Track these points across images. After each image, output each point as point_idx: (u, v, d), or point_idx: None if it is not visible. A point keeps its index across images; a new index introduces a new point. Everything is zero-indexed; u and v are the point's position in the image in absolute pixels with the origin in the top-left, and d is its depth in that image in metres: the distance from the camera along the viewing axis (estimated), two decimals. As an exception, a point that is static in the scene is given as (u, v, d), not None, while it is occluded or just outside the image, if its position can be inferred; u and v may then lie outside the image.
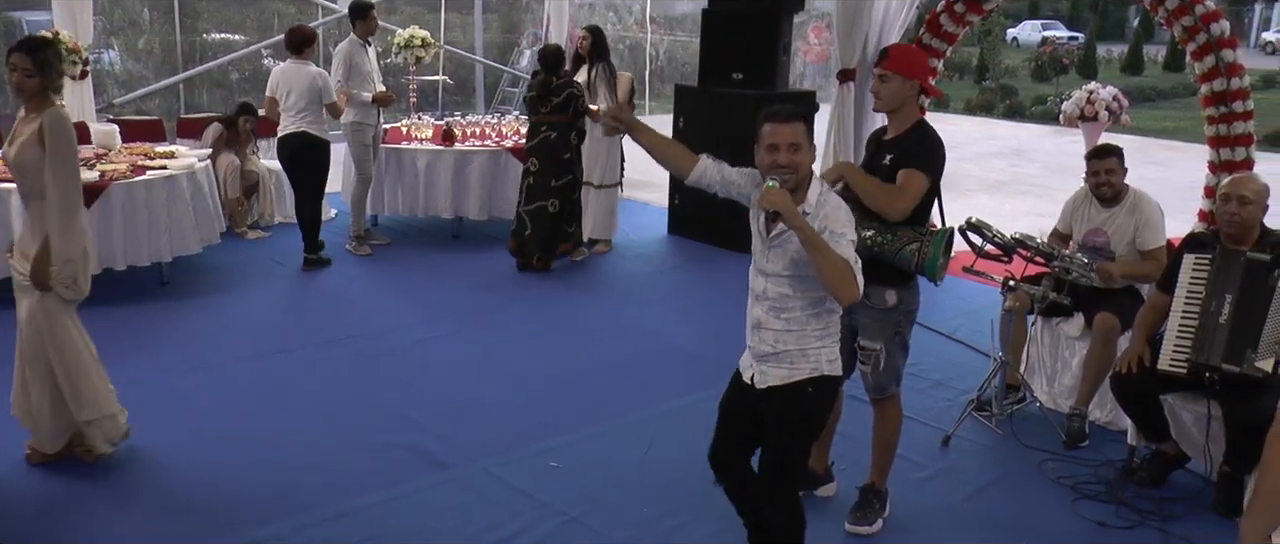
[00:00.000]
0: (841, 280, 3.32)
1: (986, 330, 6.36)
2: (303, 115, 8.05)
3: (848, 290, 3.33)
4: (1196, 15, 7.14)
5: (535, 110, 8.30)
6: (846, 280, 3.32)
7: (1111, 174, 5.53)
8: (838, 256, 3.32)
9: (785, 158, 3.45)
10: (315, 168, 8.24)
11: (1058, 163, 16.00)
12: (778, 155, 3.45)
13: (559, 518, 4.52)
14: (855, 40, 8.83)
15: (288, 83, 8.07)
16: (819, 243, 3.32)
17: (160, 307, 7.24)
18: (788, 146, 3.45)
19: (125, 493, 4.64)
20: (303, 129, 8.06)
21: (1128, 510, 4.72)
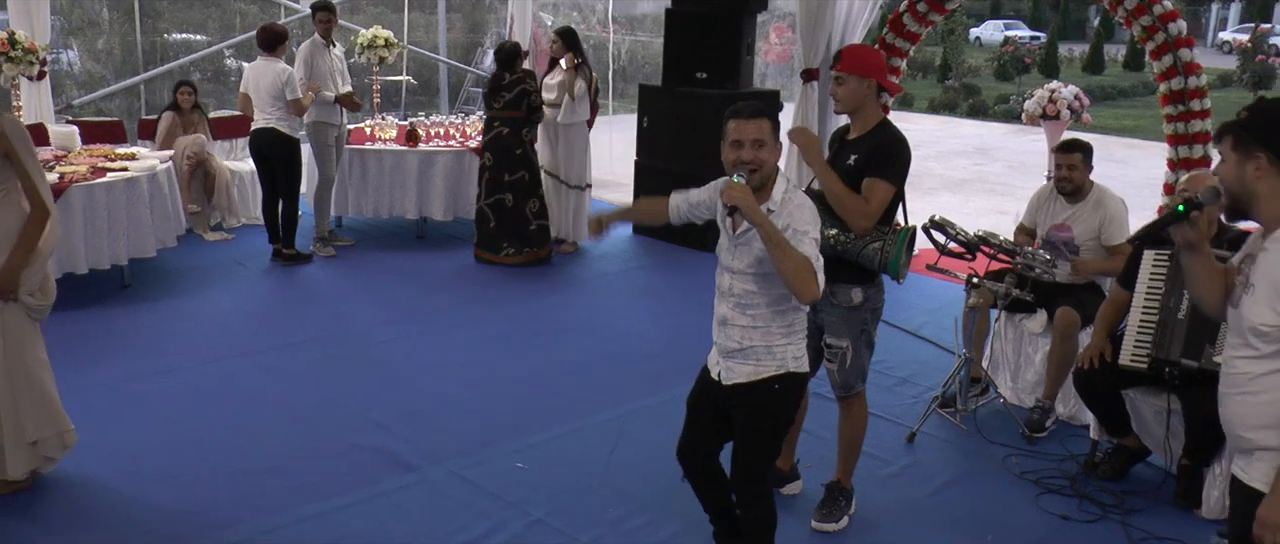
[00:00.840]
0: (801, 277, 3.32)
1: (951, 327, 6.41)
2: (271, 112, 8.13)
3: (807, 288, 3.34)
4: (1155, 15, 7.23)
5: (489, 106, 8.43)
6: (806, 277, 3.33)
7: (1073, 169, 5.59)
8: (797, 253, 3.34)
9: (749, 154, 3.46)
10: (286, 164, 8.31)
11: (1020, 161, 16.15)
12: (742, 151, 3.47)
13: (526, 518, 4.51)
14: (818, 40, 8.87)
15: (257, 80, 8.15)
16: (779, 240, 3.33)
17: (122, 310, 7.16)
18: (752, 143, 3.47)
19: (87, 499, 4.59)
20: (271, 125, 8.14)
21: (1090, 504, 4.77)
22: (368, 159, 9.19)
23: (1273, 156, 2.67)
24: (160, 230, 7.82)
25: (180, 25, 13.52)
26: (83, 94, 12.03)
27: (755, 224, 3.36)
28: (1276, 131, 2.69)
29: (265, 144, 8.22)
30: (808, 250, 3.38)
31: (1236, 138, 2.73)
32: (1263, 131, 2.70)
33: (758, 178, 3.47)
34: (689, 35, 9.29)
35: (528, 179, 8.45)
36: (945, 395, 5.72)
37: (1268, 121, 2.73)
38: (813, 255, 3.39)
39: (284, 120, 8.17)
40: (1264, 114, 2.76)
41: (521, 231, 8.52)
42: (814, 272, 3.36)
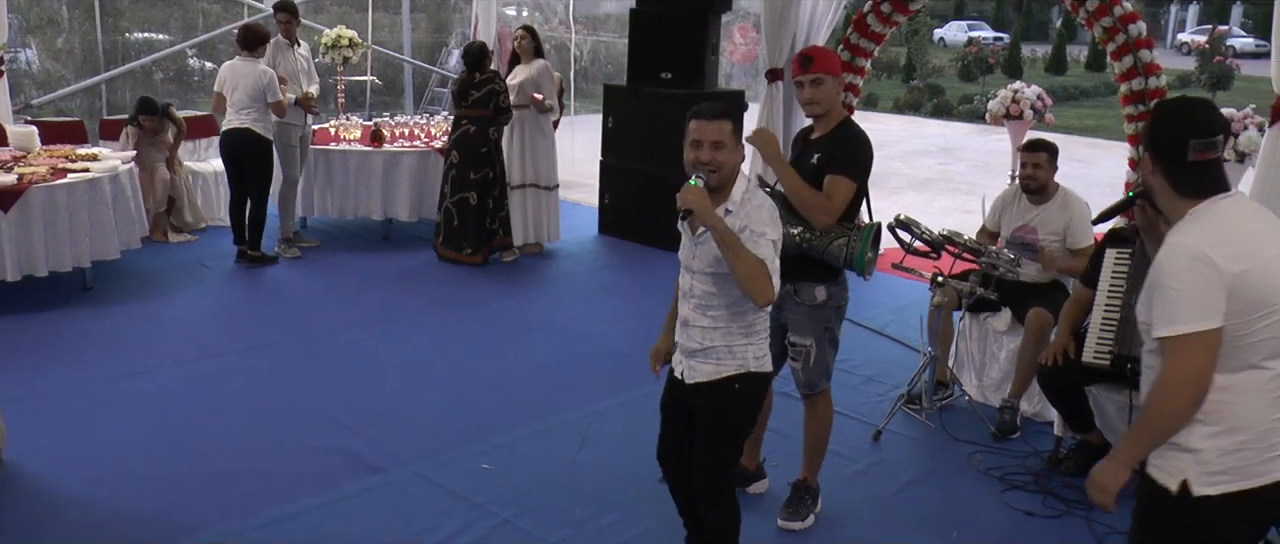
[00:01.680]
0: (754, 279, 3.34)
1: (916, 326, 6.45)
2: (247, 112, 8.05)
3: (761, 290, 3.35)
4: (1116, 16, 7.30)
5: (458, 105, 8.43)
6: (759, 280, 3.34)
7: (1038, 168, 5.63)
8: (751, 256, 3.35)
9: (707, 155, 3.47)
10: (259, 165, 8.24)
11: (984, 161, 16.27)
12: (700, 152, 3.48)
13: (493, 519, 4.50)
14: (782, 40, 8.89)
15: (235, 79, 8.08)
16: (732, 241, 3.34)
17: (84, 313, 7.08)
18: (711, 144, 3.48)
19: (50, 503, 4.54)
20: (247, 126, 8.06)
21: (1054, 500, 4.81)
22: (333, 159, 9.14)
23: (1154, 155, 2.76)
24: (123, 232, 7.73)
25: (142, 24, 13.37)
26: (42, 94, 11.88)
27: (708, 226, 3.38)
28: (1153, 131, 2.78)
29: (239, 145, 8.11)
30: (763, 252, 3.39)
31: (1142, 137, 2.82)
32: (1147, 132, 2.80)
33: (717, 179, 3.48)
34: (653, 35, 9.29)
35: (491, 177, 8.45)
36: (911, 393, 5.75)
37: (1151, 122, 2.82)
38: (769, 257, 3.40)
39: (260, 121, 8.09)
40: (1151, 115, 2.85)
41: (481, 230, 8.52)
42: (768, 274, 3.37)
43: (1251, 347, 2.63)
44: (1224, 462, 2.65)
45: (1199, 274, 2.58)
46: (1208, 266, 2.58)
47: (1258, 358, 2.64)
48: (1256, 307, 2.60)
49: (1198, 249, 2.60)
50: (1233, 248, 2.60)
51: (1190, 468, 2.68)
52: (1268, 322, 2.62)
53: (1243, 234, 2.65)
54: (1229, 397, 2.65)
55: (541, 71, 8.69)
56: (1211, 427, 2.66)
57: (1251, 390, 2.65)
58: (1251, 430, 2.65)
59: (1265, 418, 2.67)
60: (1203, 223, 2.68)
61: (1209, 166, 2.71)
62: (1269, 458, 2.67)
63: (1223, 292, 2.58)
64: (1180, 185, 2.73)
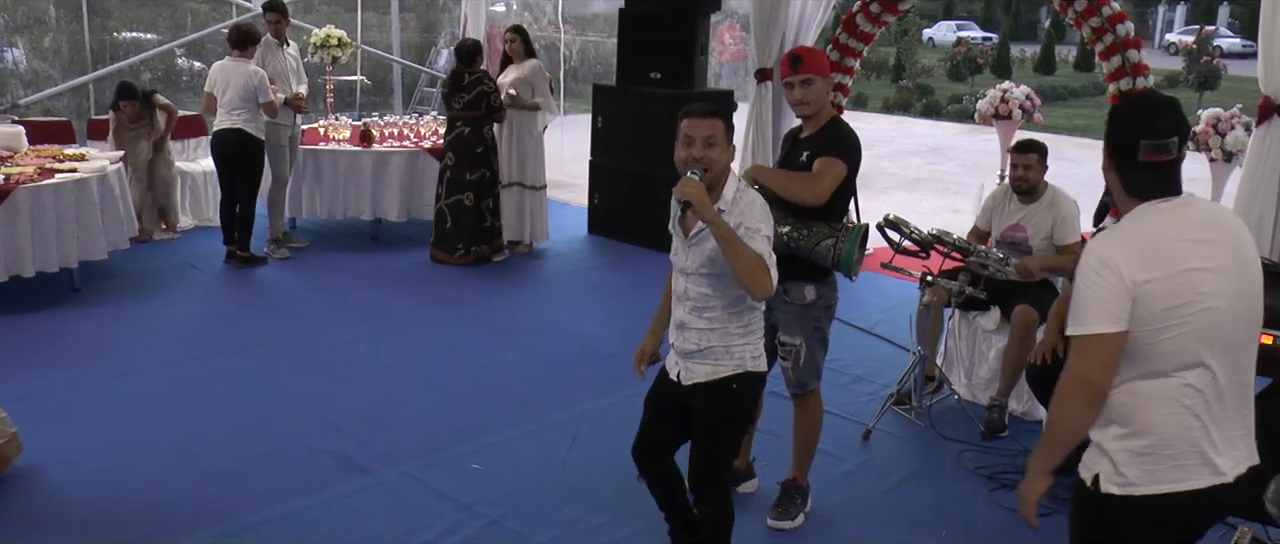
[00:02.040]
0: (753, 273, 3.34)
1: (905, 325, 6.45)
2: (238, 113, 8.03)
3: (760, 284, 3.36)
4: (1104, 17, 7.32)
5: (449, 105, 8.41)
6: (758, 273, 3.35)
7: (1029, 169, 5.65)
8: (749, 250, 3.35)
9: (700, 152, 3.47)
10: (249, 165, 8.22)
11: (973, 160, 16.30)
12: (693, 149, 3.48)
13: (482, 520, 4.50)
14: (772, 40, 8.89)
15: (226, 79, 8.06)
16: (731, 236, 3.35)
17: (72, 313, 7.06)
18: (703, 141, 3.48)
19: (39, 505, 4.52)
20: (238, 126, 8.05)
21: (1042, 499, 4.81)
22: (322, 160, 9.12)
23: (1108, 151, 2.75)
24: (111, 232, 7.71)
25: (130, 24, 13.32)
26: (29, 93, 11.83)
27: (707, 221, 3.37)
28: (1109, 127, 2.76)
29: (230, 145, 8.10)
30: (760, 248, 3.39)
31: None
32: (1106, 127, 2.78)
33: (708, 177, 3.48)
34: (642, 35, 9.29)
35: (488, 177, 8.44)
36: (900, 393, 5.76)
37: (1109, 117, 2.80)
38: (765, 252, 3.40)
39: (251, 122, 8.08)
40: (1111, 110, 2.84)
41: (475, 230, 8.51)
42: (767, 268, 3.37)
43: (1159, 355, 2.62)
44: (1131, 464, 2.68)
45: (1103, 278, 2.59)
46: (1111, 272, 2.59)
47: (1166, 366, 2.63)
48: (1164, 317, 2.59)
49: (1105, 254, 2.61)
50: (1143, 256, 2.60)
51: (1102, 465, 2.73)
52: (1176, 332, 2.60)
53: (1159, 243, 2.62)
54: (1137, 402, 2.66)
55: (534, 71, 8.70)
56: (1121, 428, 2.69)
57: (1158, 397, 2.65)
58: (1157, 437, 2.66)
59: (1173, 426, 2.66)
60: (1122, 228, 2.69)
61: (1160, 168, 2.67)
62: (1179, 465, 2.66)
63: (1126, 298, 2.58)
64: (1129, 184, 2.72)
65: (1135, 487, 2.68)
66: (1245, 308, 2.69)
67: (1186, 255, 2.61)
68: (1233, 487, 2.71)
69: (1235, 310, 2.66)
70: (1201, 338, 2.62)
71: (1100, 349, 2.61)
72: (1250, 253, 2.72)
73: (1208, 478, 2.68)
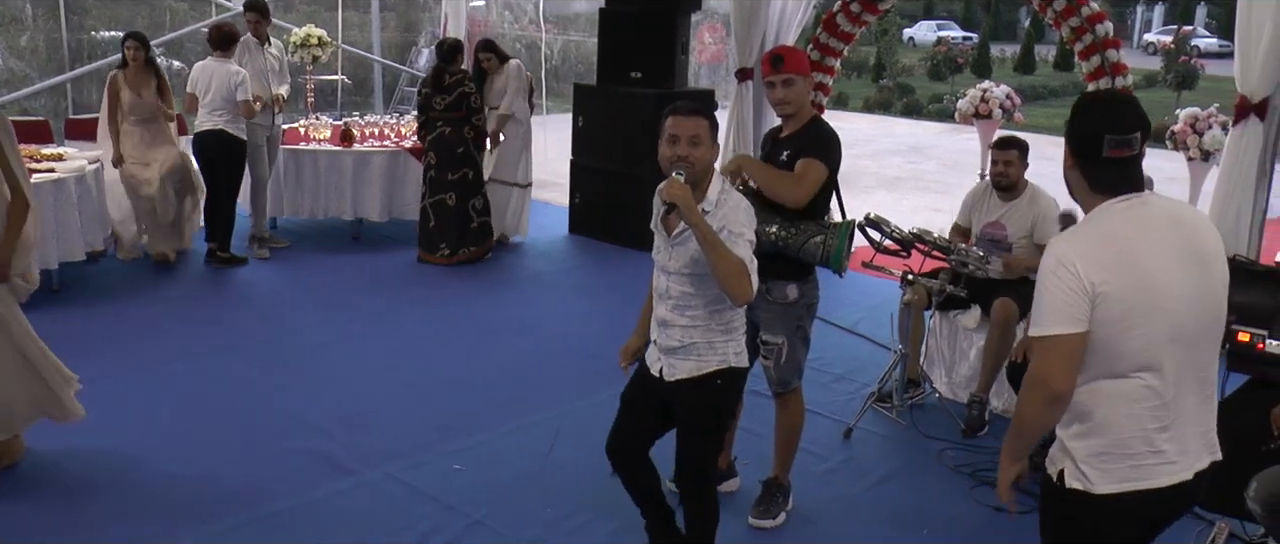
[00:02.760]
0: (735, 278, 3.36)
1: (886, 324, 6.47)
2: (220, 113, 8.01)
3: (741, 289, 3.37)
4: (1083, 17, 7.37)
5: (430, 105, 8.38)
6: (739, 278, 3.36)
7: (1010, 165, 5.67)
8: (732, 255, 3.36)
9: (684, 150, 3.48)
10: (231, 166, 8.22)
11: (954, 159, 16.35)
12: (677, 147, 3.49)
13: (464, 520, 4.49)
14: (752, 39, 8.92)
15: (207, 79, 8.04)
16: (714, 240, 3.35)
17: (51, 315, 6.97)
18: (688, 140, 3.48)
19: (17, 506, 4.49)
20: (220, 127, 8.03)
21: (1024, 496, 4.83)
22: (302, 159, 9.08)
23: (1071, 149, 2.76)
24: (88, 233, 7.65)
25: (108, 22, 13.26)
26: (5, 93, 11.76)
27: (691, 224, 3.38)
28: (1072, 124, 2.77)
29: (212, 146, 8.07)
30: (742, 252, 3.40)
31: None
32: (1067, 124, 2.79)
33: (692, 175, 3.48)
34: (623, 35, 9.29)
35: (471, 177, 8.44)
36: (881, 391, 5.77)
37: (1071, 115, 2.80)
38: (747, 257, 3.41)
39: (232, 122, 8.05)
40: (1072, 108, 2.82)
41: (462, 230, 8.51)
42: (748, 273, 3.38)
43: (1119, 356, 2.62)
44: (1090, 462, 2.70)
45: (1061, 280, 2.60)
46: (1069, 274, 2.59)
47: (1125, 367, 2.63)
48: (1123, 318, 2.59)
49: (1065, 256, 2.62)
50: (1103, 258, 2.60)
51: (1064, 461, 2.76)
52: (1136, 333, 2.60)
53: (1118, 242, 2.63)
54: (1096, 401, 2.67)
55: (515, 72, 8.74)
56: (1081, 425, 2.71)
57: (1117, 397, 2.66)
58: (1115, 436, 2.67)
59: (1131, 427, 2.66)
60: (1083, 229, 2.71)
61: (1124, 164, 2.68)
62: (1137, 465, 2.68)
63: (1084, 299, 2.58)
64: (1094, 181, 2.72)
65: (1094, 486, 2.70)
66: (1206, 306, 2.69)
67: (1145, 255, 2.61)
68: (1193, 483, 2.73)
69: (1195, 309, 2.66)
70: (1161, 338, 2.61)
71: (1059, 350, 2.62)
72: (1212, 248, 2.72)
73: (1166, 476, 2.69)
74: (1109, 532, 2.76)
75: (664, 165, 3.53)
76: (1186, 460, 2.71)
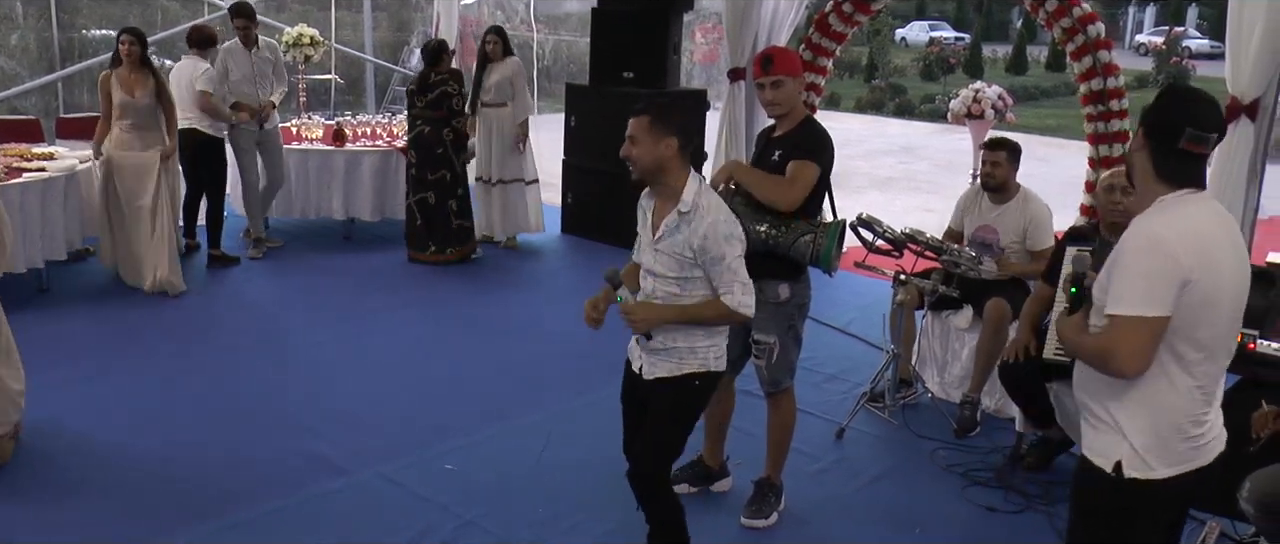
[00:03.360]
0: (723, 320, 3.61)
1: (879, 324, 6.48)
2: (192, 113, 8.00)
3: (736, 319, 3.60)
4: (1075, 17, 7.38)
5: (412, 105, 8.41)
6: (726, 317, 3.58)
7: (997, 166, 5.68)
8: (709, 309, 3.56)
9: (624, 149, 3.59)
10: (211, 164, 8.19)
11: (946, 160, 16.38)
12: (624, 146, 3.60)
13: (456, 521, 4.48)
14: (744, 39, 8.91)
15: (178, 79, 8.05)
16: (691, 314, 3.57)
17: (40, 315, 6.98)
18: (628, 139, 3.58)
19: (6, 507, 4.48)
20: (192, 126, 8.01)
21: (1016, 495, 4.85)
22: (294, 159, 9.06)
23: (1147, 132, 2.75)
24: (72, 233, 7.65)
25: (99, 21, 13.19)
26: (-4, 91, 11.73)
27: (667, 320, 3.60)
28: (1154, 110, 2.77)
29: (188, 145, 8.04)
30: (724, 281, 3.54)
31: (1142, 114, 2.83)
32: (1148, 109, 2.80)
33: (635, 171, 3.60)
34: (616, 34, 9.28)
35: (449, 178, 8.42)
36: (874, 391, 5.78)
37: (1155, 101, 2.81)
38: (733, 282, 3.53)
39: (202, 120, 8.04)
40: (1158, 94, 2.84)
41: (445, 230, 8.52)
42: (728, 310, 3.54)
43: (1190, 343, 2.67)
44: (1153, 449, 2.73)
45: (1157, 262, 2.61)
46: (1166, 256, 2.60)
47: (1193, 354, 2.69)
48: (1201, 306, 2.64)
49: (1161, 238, 2.62)
50: (1193, 245, 2.62)
51: (1122, 450, 2.75)
52: (1207, 322, 2.66)
53: (1203, 236, 2.66)
54: (1162, 387, 2.70)
55: (514, 69, 8.74)
56: (1144, 411, 2.73)
57: (1181, 383, 2.71)
58: (1177, 420, 2.73)
59: (1192, 411, 2.74)
60: (1170, 214, 2.69)
61: (1194, 159, 2.73)
62: (1194, 445, 2.76)
63: (1176, 283, 2.60)
64: (1162, 169, 2.73)
65: (1156, 471, 2.73)
66: (1244, 301, 2.79)
67: (1215, 247, 2.68)
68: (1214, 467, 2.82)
69: (1240, 303, 2.77)
70: (1223, 328, 2.72)
71: (1143, 332, 2.62)
72: (1245, 254, 2.82)
73: (1208, 454, 2.80)
74: (1160, 517, 2.83)
75: None
76: (1218, 438, 2.83)
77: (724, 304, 3.52)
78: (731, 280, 3.51)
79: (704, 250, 3.50)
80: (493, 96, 8.72)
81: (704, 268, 3.54)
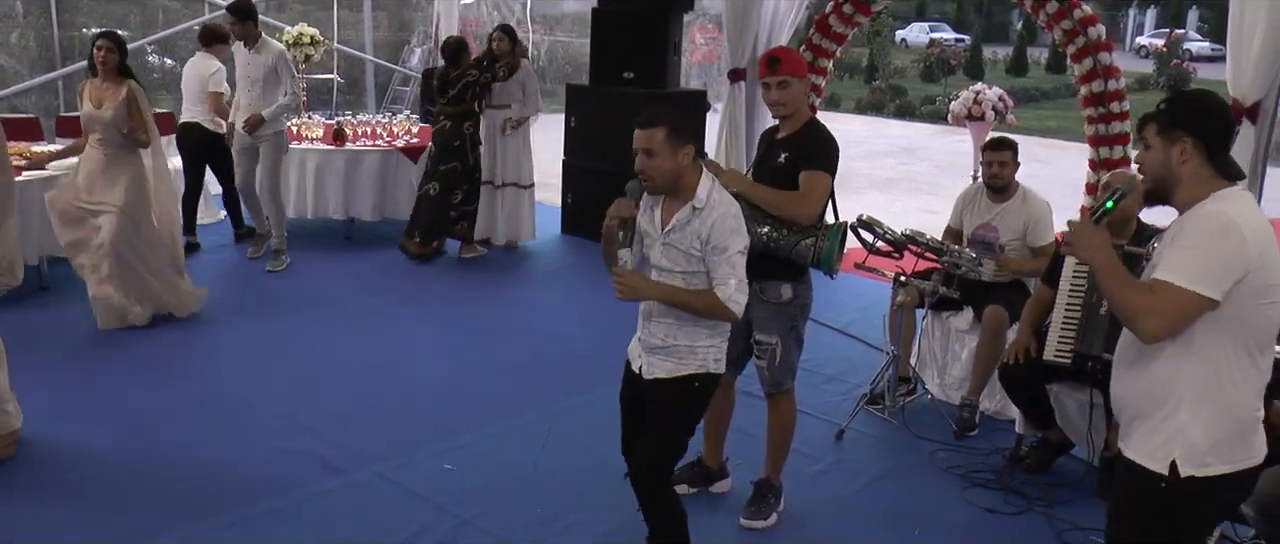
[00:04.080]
0: (713, 313, 3.55)
1: (879, 325, 6.47)
2: (196, 108, 8.25)
3: (726, 315, 3.55)
4: (1075, 19, 7.38)
5: (434, 101, 8.58)
6: (717, 310, 3.53)
7: (1004, 166, 5.68)
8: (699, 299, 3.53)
9: (640, 162, 3.55)
10: (214, 158, 8.55)
11: (946, 161, 16.37)
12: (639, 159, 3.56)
13: (454, 520, 4.47)
14: (744, 40, 8.91)
15: (189, 74, 8.33)
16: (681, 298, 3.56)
17: (39, 312, 6.98)
18: (642, 152, 3.54)
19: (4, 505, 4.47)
20: (196, 120, 8.33)
21: (1015, 496, 4.84)
22: (294, 159, 9.04)
23: (1197, 140, 2.76)
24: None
25: (100, 20, 13.18)
26: (-4, 89, 11.74)
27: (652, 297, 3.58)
28: (1200, 115, 2.80)
29: (190, 140, 8.37)
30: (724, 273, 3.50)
31: (1161, 124, 2.83)
32: (1187, 116, 2.81)
33: (651, 185, 3.58)
34: (616, 35, 9.28)
35: (460, 170, 8.45)
36: (873, 392, 5.77)
37: (1191, 107, 2.84)
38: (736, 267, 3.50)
39: (205, 115, 8.27)
40: (1186, 101, 2.89)
41: (433, 221, 8.53)
42: (721, 302, 3.50)
43: (1252, 331, 2.72)
44: (1213, 448, 2.74)
45: (1227, 243, 2.65)
46: (1239, 240, 2.64)
47: (1253, 343, 2.73)
48: (1264, 293, 2.68)
49: (1231, 219, 2.65)
50: (1260, 236, 2.68)
51: (1178, 448, 2.75)
52: (1268, 312, 2.71)
53: (1265, 229, 2.71)
54: (1223, 380, 2.73)
55: (525, 71, 8.74)
56: (1205, 407, 2.73)
57: (1240, 376, 2.73)
58: (1237, 415, 2.75)
59: (1250, 406, 2.77)
60: (1237, 204, 2.73)
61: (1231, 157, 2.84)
62: (1247, 442, 2.77)
63: (1240, 268, 2.64)
64: (1224, 168, 2.79)
65: (1213, 468, 2.74)
66: None
67: (1273, 243, 2.72)
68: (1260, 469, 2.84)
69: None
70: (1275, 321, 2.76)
71: (1186, 306, 2.66)
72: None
73: (1257, 456, 2.82)
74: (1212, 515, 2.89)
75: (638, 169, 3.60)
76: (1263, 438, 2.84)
77: (715, 296, 3.49)
78: (728, 274, 3.49)
79: (708, 241, 3.49)
80: (497, 98, 8.73)
81: (706, 260, 3.53)
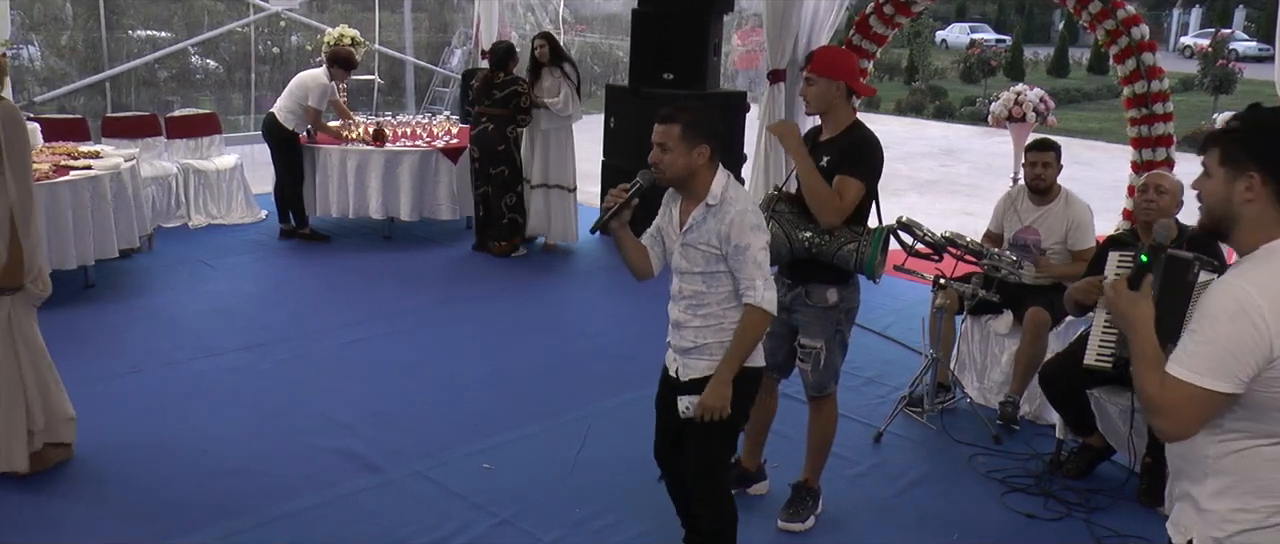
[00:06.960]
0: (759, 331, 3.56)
1: (918, 328, 6.44)
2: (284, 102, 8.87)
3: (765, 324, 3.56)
4: (1118, 19, 7.30)
5: (478, 103, 8.63)
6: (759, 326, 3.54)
7: (1048, 168, 5.65)
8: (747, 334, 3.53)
9: (655, 156, 3.57)
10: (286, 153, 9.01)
11: (986, 163, 16.25)
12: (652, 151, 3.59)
13: (491, 519, 4.50)
14: (785, 41, 8.89)
15: (301, 80, 8.93)
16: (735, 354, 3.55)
17: (85, 311, 7.07)
18: (657, 146, 3.56)
19: (50, 502, 4.53)
20: (272, 111, 8.92)
21: (1055, 502, 4.81)
22: (333, 159, 9.13)
23: (1268, 176, 2.29)
24: (123, 230, 7.73)
25: (145, 22, 13.36)
26: (44, 90, 11.89)
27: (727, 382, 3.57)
28: (1276, 146, 2.31)
29: (266, 130, 9.01)
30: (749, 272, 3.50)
31: (1226, 151, 2.35)
32: (1262, 146, 2.32)
33: (664, 179, 3.61)
34: (655, 35, 9.27)
35: (507, 175, 8.63)
36: (912, 395, 5.74)
37: (1267, 136, 2.33)
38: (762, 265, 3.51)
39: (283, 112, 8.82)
40: (1262, 127, 2.35)
41: (497, 224, 8.76)
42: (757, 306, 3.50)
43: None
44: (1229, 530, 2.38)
45: (1239, 329, 2.23)
46: (1251, 326, 2.22)
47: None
48: None
49: (1251, 302, 2.23)
50: None
51: (1195, 529, 2.45)
52: None
53: None
54: (1258, 470, 2.34)
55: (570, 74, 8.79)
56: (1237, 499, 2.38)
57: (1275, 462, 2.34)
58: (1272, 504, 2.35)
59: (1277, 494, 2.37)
60: (1268, 266, 2.29)
61: None
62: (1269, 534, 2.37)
63: (1261, 354, 2.23)
64: None
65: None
66: None
67: None
68: None
69: None
70: None
71: (1201, 404, 2.28)
72: None
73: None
74: None
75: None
76: None
77: (749, 313, 3.49)
78: (754, 273, 3.48)
79: (729, 239, 3.48)
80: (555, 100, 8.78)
81: (728, 260, 3.52)
